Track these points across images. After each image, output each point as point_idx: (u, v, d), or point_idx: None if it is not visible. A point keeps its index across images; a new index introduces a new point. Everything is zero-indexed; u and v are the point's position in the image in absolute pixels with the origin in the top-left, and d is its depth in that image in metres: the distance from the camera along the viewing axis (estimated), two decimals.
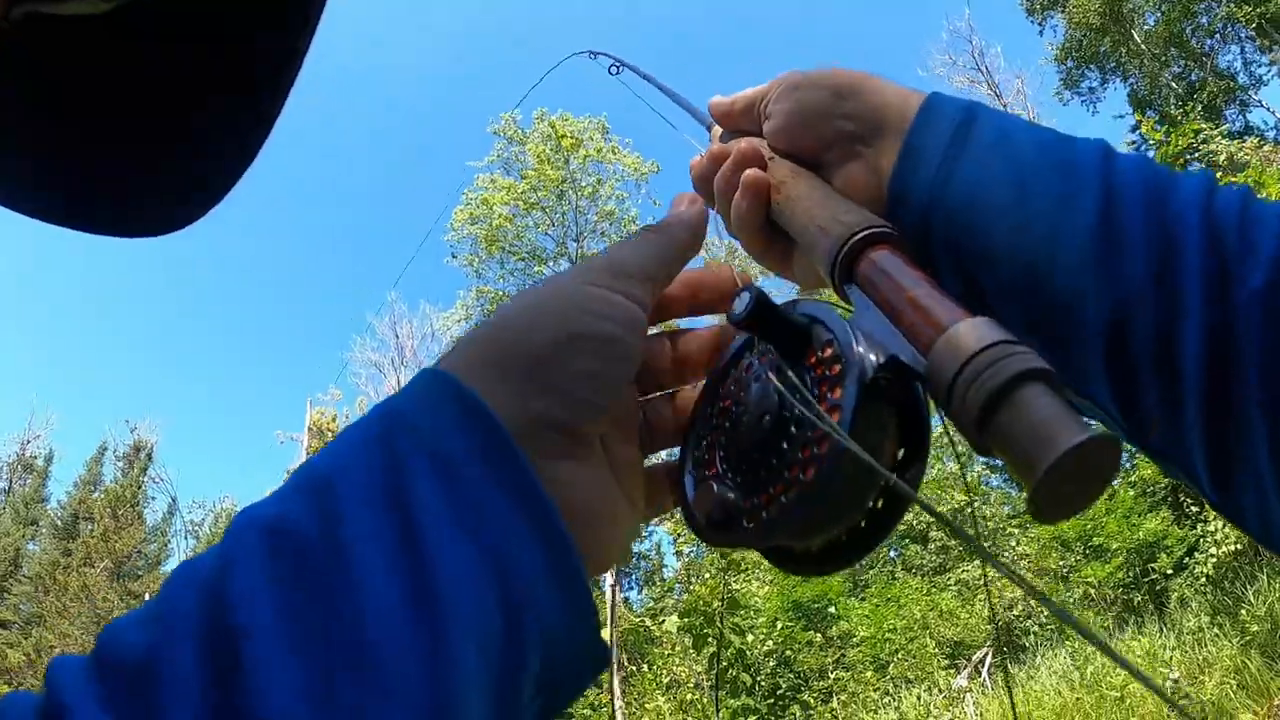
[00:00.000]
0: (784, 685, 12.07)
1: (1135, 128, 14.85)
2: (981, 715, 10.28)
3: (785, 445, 0.42)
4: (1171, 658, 9.37)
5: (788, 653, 12.37)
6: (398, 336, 31.75)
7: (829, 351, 0.42)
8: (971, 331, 0.37)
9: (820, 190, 0.55)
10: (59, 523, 33.46)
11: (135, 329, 59.72)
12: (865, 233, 0.47)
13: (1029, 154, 0.48)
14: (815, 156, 0.57)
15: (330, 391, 31.46)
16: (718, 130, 0.69)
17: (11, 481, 38.81)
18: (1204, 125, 13.16)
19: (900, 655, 13.09)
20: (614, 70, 1.11)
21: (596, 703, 16.37)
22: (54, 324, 60.33)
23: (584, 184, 16.33)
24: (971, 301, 0.45)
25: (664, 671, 12.48)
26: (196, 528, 31.44)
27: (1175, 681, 8.93)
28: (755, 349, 0.48)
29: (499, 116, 16.75)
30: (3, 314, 61.99)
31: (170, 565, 30.92)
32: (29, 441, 40.15)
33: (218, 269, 59.34)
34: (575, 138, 16.07)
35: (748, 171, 0.57)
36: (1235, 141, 13.20)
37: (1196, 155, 12.95)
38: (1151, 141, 13.54)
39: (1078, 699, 9.55)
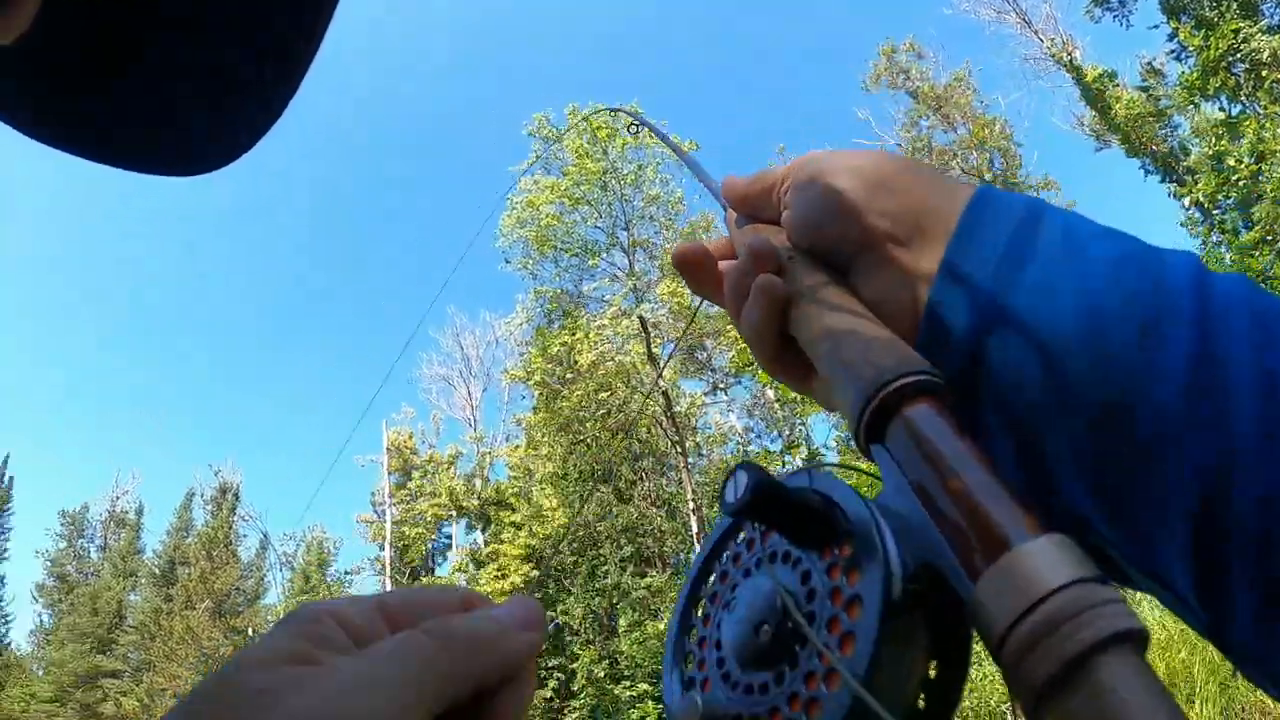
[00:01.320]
0: None
1: (1172, 36, 14.49)
2: None
3: (788, 667, 0.35)
4: None
5: None
6: (463, 348, 32.46)
7: (846, 550, 0.35)
8: (1041, 559, 0.29)
9: (846, 309, 0.46)
10: (156, 571, 34.66)
11: (204, 375, 61.76)
12: (901, 382, 0.38)
13: (1104, 271, 0.40)
14: (840, 258, 0.49)
15: (403, 410, 32.17)
16: (734, 212, 0.61)
17: (106, 538, 40.32)
18: (1242, 24, 12.82)
19: None
20: (632, 130, 1.12)
21: None
22: (128, 379, 62.59)
23: (625, 172, 16.44)
24: (1025, 464, 0.40)
25: None
26: (290, 559, 32.33)
27: None
28: (751, 527, 0.42)
29: (532, 118, 16.99)
30: (81, 376, 64.54)
31: (269, 599, 31.50)
32: (118, 497, 41.64)
33: (279, 307, 61.02)
34: (610, 127, 16.16)
35: (762, 277, 0.49)
36: (1277, 36, 12.84)
37: (1238, 56, 12.64)
38: (1190, 48, 13.27)
39: (1183, 630, 9.26)
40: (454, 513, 26.55)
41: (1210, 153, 13.25)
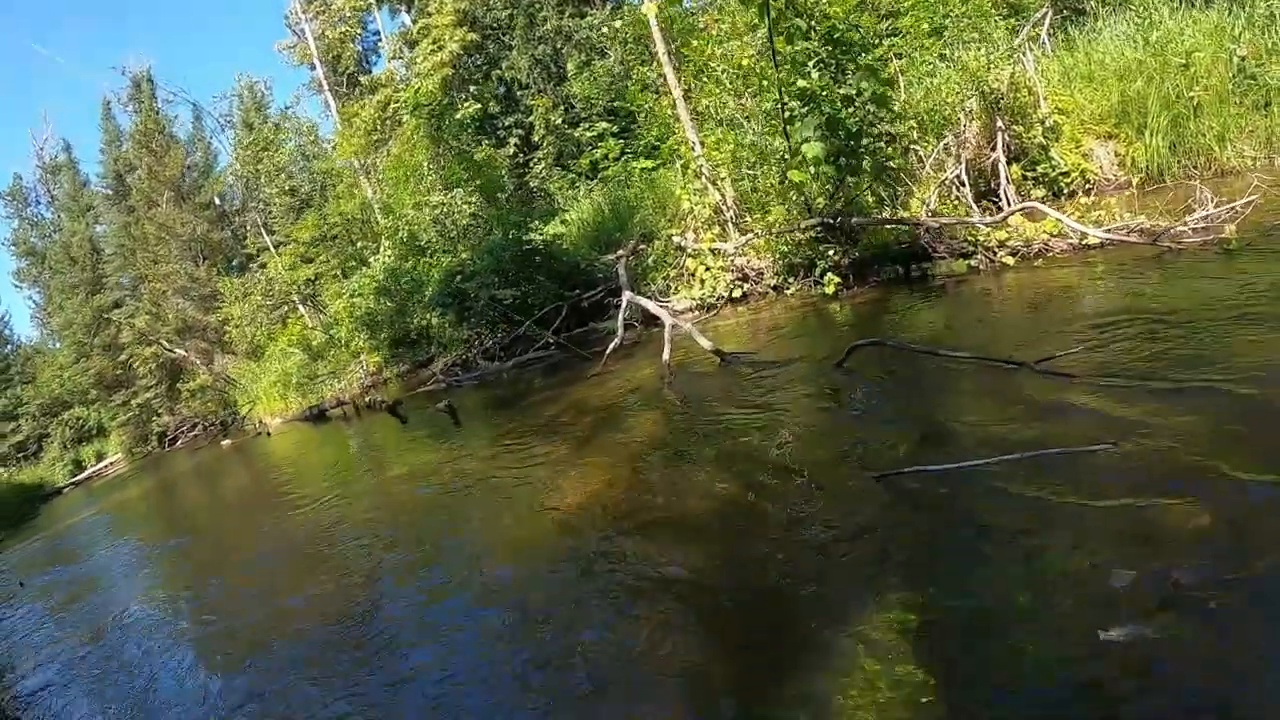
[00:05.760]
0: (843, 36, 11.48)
1: None
2: (1042, 74, 9.91)
3: None
4: (1241, 35, 8.83)
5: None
6: None
7: None
8: None
9: None
10: (109, 192, 33.81)
11: None
12: None
13: None
14: None
15: None
16: None
17: (50, 191, 38.71)
18: None
19: (956, 17, 12.22)
20: None
21: (654, 84, 16.21)
22: None
23: None
24: None
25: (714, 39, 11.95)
26: (227, 117, 31.43)
27: (1242, 59, 8.50)
28: None
29: None
30: None
31: (222, 163, 31.14)
32: (41, 149, 39.44)
33: None
34: None
35: None
36: None
37: None
38: None
39: (1141, 61, 9.21)
40: (373, 1, 24.96)
41: None
